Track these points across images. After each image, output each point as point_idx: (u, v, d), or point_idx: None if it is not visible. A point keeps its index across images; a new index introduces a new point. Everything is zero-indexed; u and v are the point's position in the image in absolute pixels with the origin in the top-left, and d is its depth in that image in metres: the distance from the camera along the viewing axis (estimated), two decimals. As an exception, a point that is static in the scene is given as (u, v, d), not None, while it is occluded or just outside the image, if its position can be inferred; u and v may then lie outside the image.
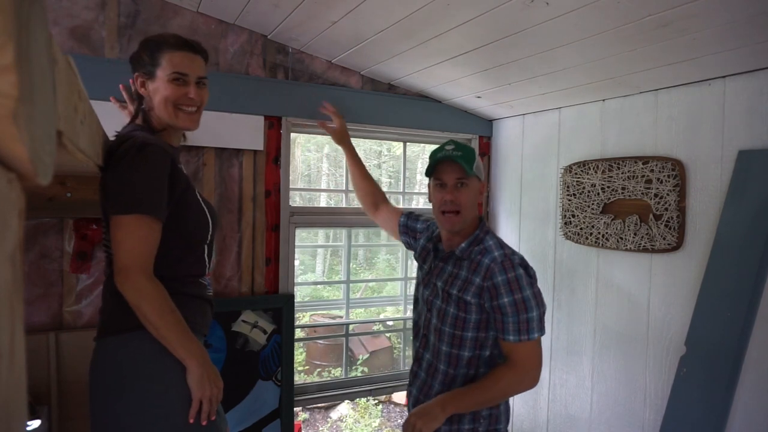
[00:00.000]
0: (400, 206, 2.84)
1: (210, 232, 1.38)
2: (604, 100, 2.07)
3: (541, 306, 1.43)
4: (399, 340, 6.26)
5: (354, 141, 2.22)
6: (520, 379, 1.43)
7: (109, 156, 1.21)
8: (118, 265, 1.16)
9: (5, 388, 0.31)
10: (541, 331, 1.43)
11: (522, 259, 1.47)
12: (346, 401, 5.34)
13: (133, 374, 1.21)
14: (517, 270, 1.41)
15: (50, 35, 0.41)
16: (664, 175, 1.80)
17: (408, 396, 1.65)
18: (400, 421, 5.42)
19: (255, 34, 2.13)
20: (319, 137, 9.35)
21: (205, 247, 1.39)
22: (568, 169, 2.19)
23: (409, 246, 1.85)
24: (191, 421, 1.21)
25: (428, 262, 1.63)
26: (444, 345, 1.49)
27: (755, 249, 1.54)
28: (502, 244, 1.49)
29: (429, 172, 1.52)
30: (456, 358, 1.48)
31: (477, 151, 1.56)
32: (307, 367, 6.13)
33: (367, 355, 6.10)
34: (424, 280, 1.63)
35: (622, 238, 1.95)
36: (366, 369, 5.83)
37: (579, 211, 2.13)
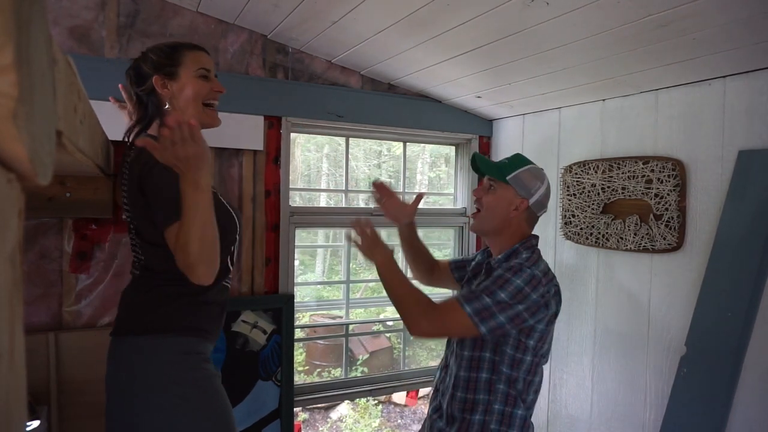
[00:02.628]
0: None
1: (237, 232, 1.43)
2: (604, 100, 2.07)
3: (498, 306, 1.30)
4: (399, 340, 6.25)
5: (354, 141, 2.22)
6: (421, 311, 1.36)
7: (131, 169, 1.27)
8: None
9: (5, 388, 0.31)
10: (478, 316, 1.30)
11: (534, 277, 1.35)
12: (346, 401, 5.34)
13: (170, 376, 1.25)
14: (516, 278, 1.33)
15: (50, 35, 0.40)
16: (664, 175, 1.80)
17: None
18: (401, 422, 5.42)
19: (255, 34, 2.12)
20: (319, 137, 9.36)
21: (232, 247, 1.42)
22: (568, 169, 2.19)
23: (461, 279, 1.74)
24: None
25: (477, 280, 1.60)
26: (462, 370, 1.46)
27: (755, 249, 1.54)
28: (530, 259, 1.41)
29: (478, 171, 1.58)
30: (474, 381, 1.44)
31: (529, 168, 1.50)
32: (307, 368, 6.13)
33: (367, 355, 6.10)
34: None
35: (622, 238, 1.95)
36: (366, 369, 5.83)
37: (579, 211, 2.13)
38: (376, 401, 5.63)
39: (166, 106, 1.35)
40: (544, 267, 1.43)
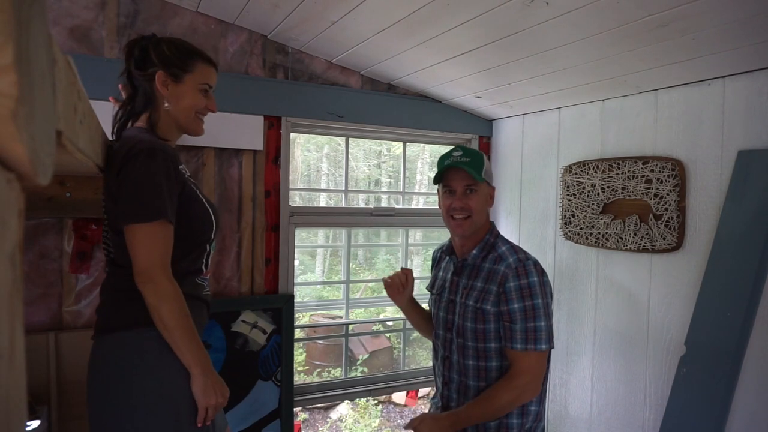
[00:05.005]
0: (399, 206, 2.84)
1: (213, 231, 1.39)
2: (603, 100, 2.07)
3: (549, 318, 1.41)
4: (399, 340, 6.26)
5: (354, 141, 2.22)
6: (520, 393, 1.39)
7: (113, 158, 1.24)
8: (140, 268, 1.19)
9: (5, 388, 0.31)
10: (549, 343, 1.40)
11: (536, 263, 1.45)
12: (346, 401, 5.34)
13: (141, 368, 1.23)
14: (531, 277, 1.40)
15: (50, 35, 0.41)
16: (664, 175, 1.80)
17: None
18: (401, 421, 5.42)
19: (255, 34, 2.12)
20: (319, 137, 9.36)
21: (207, 246, 1.40)
22: (568, 169, 2.19)
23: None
24: (199, 425, 1.25)
25: (439, 281, 1.62)
26: (470, 359, 1.47)
27: (755, 249, 1.54)
28: (515, 249, 1.48)
29: (437, 179, 1.50)
30: (484, 370, 1.45)
31: (485, 156, 1.53)
32: (306, 368, 6.13)
33: (367, 355, 6.10)
34: (437, 304, 1.61)
35: (622, 238, 1.95)
36: (366, 369, 5.83)
37: (579, 211, 2.13)
38: (375, 401, 5.63)
39: (166, 105, 1.35)
40: (532, 257, 1.47)
